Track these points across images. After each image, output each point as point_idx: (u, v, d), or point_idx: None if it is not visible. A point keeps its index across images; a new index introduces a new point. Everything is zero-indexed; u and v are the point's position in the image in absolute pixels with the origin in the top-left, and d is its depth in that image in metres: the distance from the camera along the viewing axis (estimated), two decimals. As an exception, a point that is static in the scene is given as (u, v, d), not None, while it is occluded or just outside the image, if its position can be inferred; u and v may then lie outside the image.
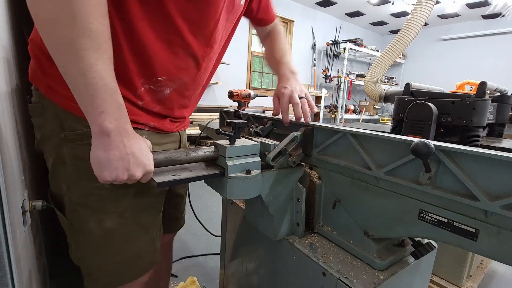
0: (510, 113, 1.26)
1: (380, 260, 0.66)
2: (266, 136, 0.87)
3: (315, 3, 5.81)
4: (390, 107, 7.29)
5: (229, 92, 1.75)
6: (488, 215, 0.46)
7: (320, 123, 0.77)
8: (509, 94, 1.25)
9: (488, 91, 1.12)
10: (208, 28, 0.67)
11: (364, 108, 6.97)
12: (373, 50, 6.55)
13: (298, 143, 0.76)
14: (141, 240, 0.72)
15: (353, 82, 6.41)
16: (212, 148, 0.66)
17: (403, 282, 0.70)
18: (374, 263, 0.67)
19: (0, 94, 0.63)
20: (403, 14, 6.06)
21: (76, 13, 0.44)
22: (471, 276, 1.59)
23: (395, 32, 6.62)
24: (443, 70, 6.72)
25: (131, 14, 0.56)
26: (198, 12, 0.62)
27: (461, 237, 0.50)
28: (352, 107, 6.76)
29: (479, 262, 1.74)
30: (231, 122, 0.68)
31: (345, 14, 6.33)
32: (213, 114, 4.17)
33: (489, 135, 1.27)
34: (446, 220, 0.52)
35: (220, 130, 0.63)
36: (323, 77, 6.34)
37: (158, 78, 0.65)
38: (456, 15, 5.99)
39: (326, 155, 0.74)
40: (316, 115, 6.25)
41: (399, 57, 4.28)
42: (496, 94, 1.27)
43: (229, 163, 0.62)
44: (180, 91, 0.71)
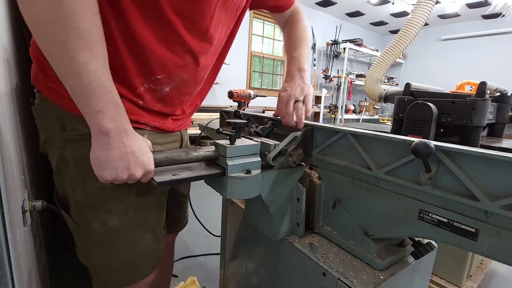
0: (510, 113, 1.26)
1: (380, 260, 0.66)
2: (266, 136, 0.87)
3: (315, 3, 5.81)
4: (390, 107, 7.29)
5: (229, 92, 1.75)
6: (488, 215, 0.46)
7: (320, 123, 0.77)
8: (509, 94, 1.25)
9: (488, 91, 1.12)
10: (204, 24, 0.65)
11: (364, 108, 6.97)
12: (373, 50, 6.55)
13: (298, 143, 0.76)
14: (146, 240, 0.72)
15: (353, 82, 6.41)
16: (213, 148, 0.66)
17: (403, 282, 0.70)
18: (374, 263, 0.67)
19: (0, 94, 0.63)
20: (403, 14, 6.06)
21: (65, 14, 0.43)
22: (471, 276, 1.59)
23: (395, 32, 6.62)
24: (443, 70, 6.72)
25: (126, 13, 0.56)
26: (192, 8, 0.61)
27: (461, 237, 0.50)
28: (352, 107, 6.76)
29: (479, 262, 1.74)
30: (231, 122, 0.68)
31: (345, 14, 6.33)
32: (213, 114, 4.17)
33: (489, 135, 1.27)
34: (446, 220, 0.52)
35: (221, 130, 0.63)
36: (323, 77, 6.34)
37: (157, 77, 0.64)
38: (456, 15, 5.99)
39: (326, 155, 0.74)
40: (316, 115, 6.26)
41: (399, 57, 4.28)
42: (496, 94, 1.27)
43: (230, 163, 0.62)
44: (180, 89, 0.71)
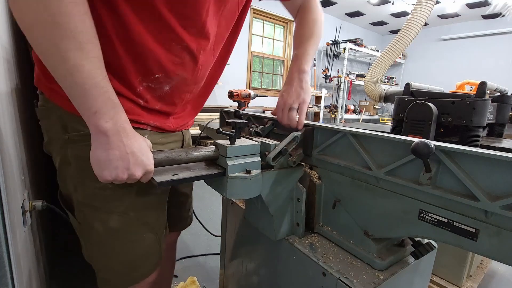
0: (510, 113, 1.26)
1: (380, 260, 0.66)
2: (266, 136, 0.87)
3: (315, 3, 5.80)
4: (390, 107, 7.29)
5: (229, 92, 1.75)
6: (488, 215, 0.46)
7: (320, 123, 0.77)
8: (509, 94, 1.25)
9: (488, 91, 1.12)
10: (200, 19, 0.63)
11: (364, 108, 6.96)
12: (373, 50, 6.55)
13: (298, 143, 0.76)
14: (146, 240, 0.72)
15: (353, 82, 6.41)
16: (213, 148, 0.66)
17: (403, 282, 0.70)
18: (374, 263, 0.67)
19: (0, 95, 0.63)
20: (403, 14, 6.06)
21: (53, 16, 0.43)
22: (471, 276, 1.59)
23: (395, 32, 6.62)
24: (443, 70, 6.72)
25: (121, 13, 0.55)
26: (186, 4, 0.60)
27: (461, 237, 0.50)
28: (352, 107, 6.76)
29: (479, 262, 1.74)
30: (232, 122, 0.68)
31: (345, 14, 6.33)
32: (213, 114, 4.17)
33: (489, 135, 1.27)
34: (446, 220, 0.52)
35: (221, 130, 0.63)
36: (323, 77, 6.33)
37: (156, 76, 0.64)
38: (456, 15, 5.99)
39: (326, 155, 0.74)
40: (316, 115, 6.26)
41: (399, 57, 4.28)
42: (496, 94, 1.27)
43: (230, 163, 0.62)
44: (180, 87, 0.70)
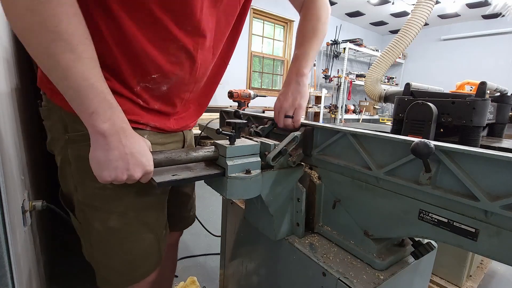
0: (510, 113, 1.26)
1: (380, 260, 0.66)
2: (266, 136, 0.87)
3: (315, 3, 5.80)
4: (390, 107, 7.29)
5: (229, 92, 1.75)
6: (488, 215, 0.46)
7: (320, 123, 0.77)
8: (509, 94, 1.26)
9: (488, 91, 1.12)
10: (194, 16, 0.61)
11: (364, 108, 6.96)
12: (373, 50, 6.54)
13: (298, 143, 0.76)
14: (146, 240, 0.72)
15: (353, 82, 6.40)
16: (212, 148, 0.66)
17: (403, 282, 0.70)
18: (374, 263, 0.67)
19: (0, 95, 0.63)
20: (403, 14, 6.06)
21: (42, 19, 0.43)
22: (471, 276, 1.59)
23: (395, 32, 6.63)
24: (443, 70, 6.72)
25: (114, 14, 0.55)
26: (179, 1, 0.58)
27: (461, 237, 0.50)
28: (352, 107, 6.76)
29: (479, 262, 1.74)
30: (231, 122, 0.68)
31: (345, 14, 6.33)
32: (213, 114, 4.15)
33: (489, 135, 1.27)
34: (446, 220, 0.52)
35: (220, 130, 0.63)
36: (323, 77, 6.33)
37: (152, 76, 0.63)
38: (456, 15, 5.99)
39: (326, 155, 0.74)
40: (316, 115, 6.25)
41: (399, 57, 4.28)
42: (496, 94, 1.28)
43: (229, 163, 0.62)
44: (179, 87, 0.69)
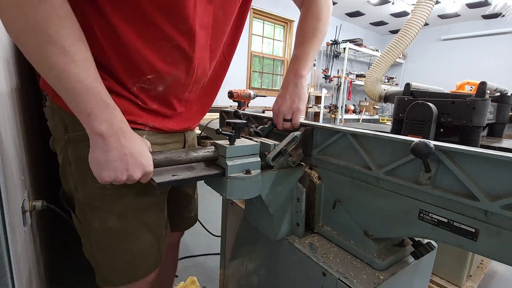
0: (510, 113, 1.26)
1: (380, 260, 0.66)
2: (266, 136, 0.87)
3: (315, 3, 5.79)
4: (390, 107, 7.29)
5: (229, 92, 1.75)
6: (488, 215, 0.46)
7: (320, 123, 0.77)
8: (509, 94, 1.25)
9: (488, 91, 1.12)
10: (187, 13, 0.59)
11: (364, 108, 6.96)
12: (373, 50, 6.54)
13: (298, 143, 0.76)
14: (146, 240, 0.72)
15: (353, 82, 6.40)
16: (212, 148, 0.66)
17: (403, 282, 0.70)
18: (374, 263, 0.67)
19: (0, 95, 0.63)
20: (403, 14, 6.06)
21: (33, 22, 0.43)
22: (471, 276, 1.59)
23: (395, 32, 6.62)
24: (443, 70, 6.72)
25: (106, 14, 0.54)
26: None
27: (461, 237, 0.50)
28: (352, 107, 6.76)
29: (479, 262, 1.74)
30: (231, 122, 0.68)
31: (345, 14, 6.33)
32: (213, 114, 4.15)
33: (489, 135, 1.27)
34: (446, 220, 0.52)
35: (220, 130, 0.63)
36: (323, 77, 6.33)
37: (148, 77, 0.62)
38: (456, 15, 5.98)
39: (326, 155, 0.74)
40: (316, 115, 6.25)
41: (399, 57, 4.28)
42: (496, 94, 1.27)
43: (229, 163, 0.62)
44: (176, 87, 0.68)
